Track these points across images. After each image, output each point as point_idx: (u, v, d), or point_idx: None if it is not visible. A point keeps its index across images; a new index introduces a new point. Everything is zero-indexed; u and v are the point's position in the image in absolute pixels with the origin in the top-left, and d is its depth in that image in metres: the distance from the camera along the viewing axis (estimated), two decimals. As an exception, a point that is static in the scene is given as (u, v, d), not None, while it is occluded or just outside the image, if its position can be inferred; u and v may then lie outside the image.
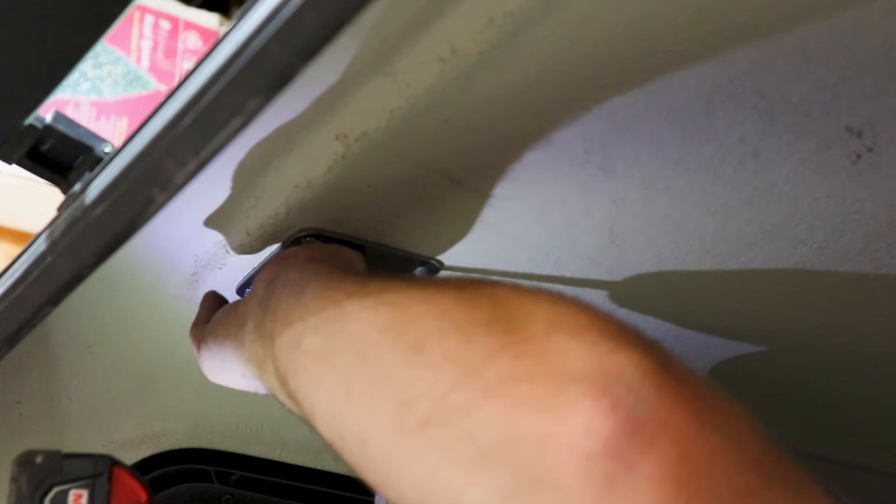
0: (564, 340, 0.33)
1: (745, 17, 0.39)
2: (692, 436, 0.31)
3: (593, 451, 0.30)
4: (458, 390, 0.34)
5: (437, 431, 0.34)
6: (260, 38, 0.33)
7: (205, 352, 0.52)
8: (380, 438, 0.36)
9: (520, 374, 0.33)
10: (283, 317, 0.43)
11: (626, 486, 0.29)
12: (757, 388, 0.70)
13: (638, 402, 0.31)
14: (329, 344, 0.40)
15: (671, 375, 0.32)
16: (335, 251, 0.50)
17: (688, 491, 0.29)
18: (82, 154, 0.47)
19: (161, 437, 0.73)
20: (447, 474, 0.33)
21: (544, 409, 0.31)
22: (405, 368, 0.36)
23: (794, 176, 0.49)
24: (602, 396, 0.31)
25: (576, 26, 0.38)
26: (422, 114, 0.42)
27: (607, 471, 0.30)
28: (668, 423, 0.31)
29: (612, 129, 0.46)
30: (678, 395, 0.31)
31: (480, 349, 0.34)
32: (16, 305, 0.44)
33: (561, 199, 0.52)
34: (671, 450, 0.30)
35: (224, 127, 0.34)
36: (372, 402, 0.37)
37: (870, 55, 0.41)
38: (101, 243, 0.40)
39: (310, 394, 0.41)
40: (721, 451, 0.31)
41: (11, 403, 0.65)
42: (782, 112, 0.44)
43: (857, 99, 0.43)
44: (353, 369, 0.38)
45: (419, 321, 0.37)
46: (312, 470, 0.80)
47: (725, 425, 0.32)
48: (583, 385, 0.31)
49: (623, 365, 0.32)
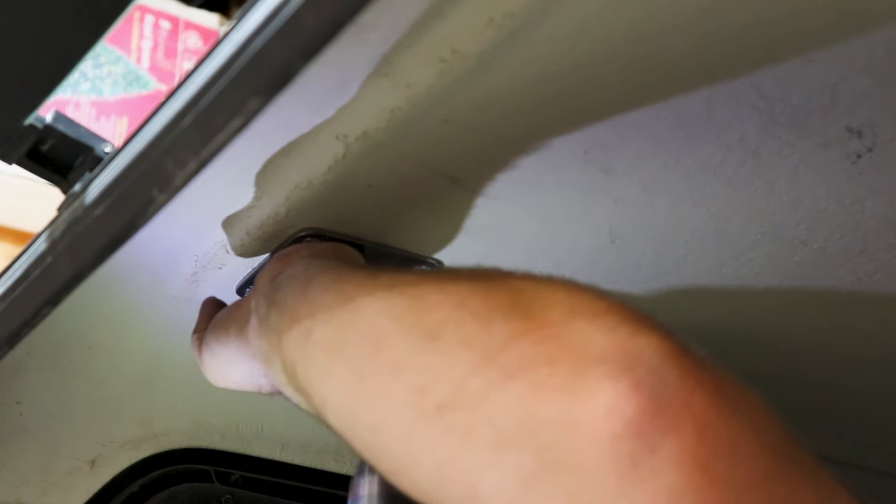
0: (584, 325, 0.33)
1: (745, 17, 0.39)
2: (713, 419, 0.30)
3: (616, 431, 0.30)
4: (477, 375, 0.33)
5: (453, 416, 0.33)
6: (260, 38, 0.33)
7: (207, 353, 0.52)
8: (394, 426, 0.36)
9: (539, 358, 0.32)
10: (291, 312, 0.42)
11: (649, 468, 0.29)
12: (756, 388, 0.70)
13: (659, 383, 0.31)
14: (340, 335, 0.39)
15: (690, 359, 0.32)
16: (337, 248, 0.50)
17: (711, 473, 0.29)
18: (82, 154, 0.47)
19: (161, 437, 0.73)
20: (464, 459, 0.33)
21: (565, 391, 0.31)
22: (420, 356, 0.35)
23: (794, 176, 0.49)
24: (624, 377, 0.31)
25: (576, 26, 0.38)
26: (422, 114, 0.42)
27: (630, 452, 0.29)
28: (690, 405, 0.30)
29: (612, 129, 0.46)
30: (698, 378, 0.31)
31: (499, 335, 0.34)
32: (16, 305, 0.44)
33: (561, 200, 0.52)
34: (693, 432, 0.30)
35: (224, 127, 0.34)
36: (386, 390, 0.36)
37: (870, 55, 0.41)
38: (101, 243, 0.40)
39: (321, 386, 0.40)
40: (741, 434, 0.31)
41: (11, 403, 0.65)
42: (782, 112, 0.44)
43: (857, 99, 0.43)
44: (366, 358, 0.38)
45: (435, 310, 0.36)
46: (312, 470, 0.80)
47: (744, 410, 0.32)
48: (604, 367, 0.31)
49: (643, 347, 0.31)
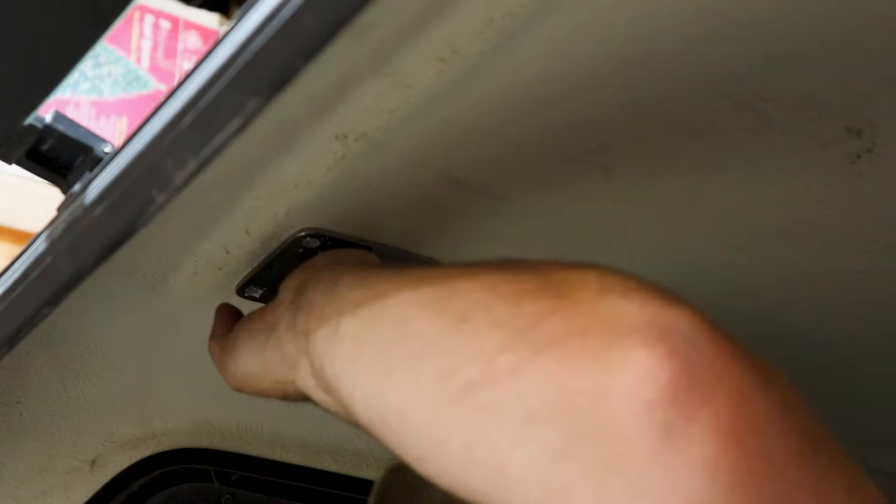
0: (615, 300, 0.32)
1: (745, 17, 0.39)
2: (748, 392, 0.30)
3: (650, 398, 0.29)
4: (506, 352, 0.33)
5: (482, 394, 0.33)
6: (260, 38, 0.33)
7: (231, 361, 0.51)
8: (422, 409, 0.35)
9: (571, 332, 0.32)
10: (318, 312, 0.42)
11: (684, 436, 0.29)
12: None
13: (694, 352, 0.30)
14: (367, 325, 0.39)
15: (723, 334, 0.31)
16: (359, 255, 0.50)
17: (745, 445, 0.29)
18: (82, 154, 0.47)
19: (161, 437, 0.73)
20: (492, 438, 0.32)
21: (597, 361, 0.31)
22: (449, 338, 0.35)
23: (794, 176, 0.49)
24: (658, 345, 0.30)
25: (576, 26, 0.38)
26: (422, 114, 0.42)
27: (665, 419, 0.29)
28: (725, 377, 0.30)
29: (612, 129, 0.46)
30: (732, 351, 0.31)
31: (529, 314, 0.33)
32: (16, 305, 0.44)
33: (560, 199, 0.52)
34: (728, 403, 0.29)
35: (224, 127, 0.34)
36: (413, 373, 0.36)
37: (870, 55, 0.41)
38: (101, 243, 0.40)
39: (348, 377, 0.40)
40: (773, 411, 0.30)
41: (11, 403, 0.64)
42: (781, 112, 0.44)
43: (857, 99, 0.43)
44: (393, 345, 0.37)
45: (464, 295, 0.36)
46: (312, 470, 0.80)
47: (776, 389, 0.31)
48: (637, 336, 0.31)
49: (677, 318, 0.31)
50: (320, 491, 0.80)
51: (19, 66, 0.41)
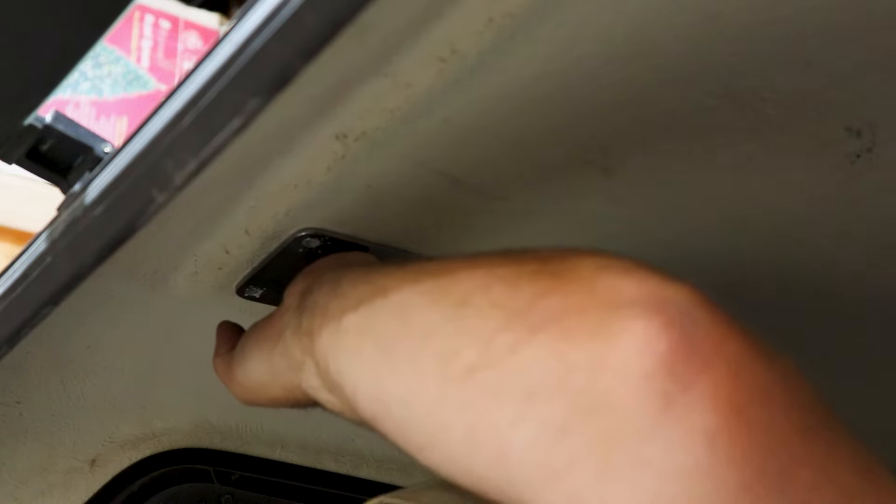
0: (614, 278, 0.32)
1: (745, 17, 0.39)
2: (747, 364, 0.30)
3: (648, 369, 0.29)
4: (504, 331, 0.33)
5: (482, 376, 0.33)
6: (260, 38, 0.33)
7: (240, 372, 0.50)
8: (424, 396, 0.35)
9: (568, 309, 0.32)
10: (322, 312, 0.42)
11: (683, 406, 0.29)
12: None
13: (692, 324, 0.30)
14: (369, 317, 0.39)
15: (721, 310, 0.31)
16: (362, 257, 0.50)
17: (746, 416, 0.29)
18: (82, 154, 0.47)
19: (161, 437, 0.73)
20: (493, 418, 0.32)
21: (595, 334, 0.31)
22: (449, 322, 0.35)
23: (793, 176, 0.49)
24: (655, 317, 0.30)
25: (576, 26, 0.38)
26: (422, 114, 0.42)
27: (663, 389, 0.29)
28: (723, 348, 0.30)
29: (612, 129, 0.46)
30: (731, 325, 0.31)
31: (527, 294, 0.33)
32: (16, 305, 0.44)
33: (560, 199, 0.52)
34: (727, 373, 0.29)
35: (224, 127, 0.34)
36: (414, 360, 0.36)
37: (870, 55, 0.41)
38: (101, 243, 0.40)
39: (351, 372, 0.40)
40: (775, 385, 0.30)
41: (11, 403, 0.64)
42: (781, 112, 0.44)
43: (857, 99, 0.43)
44: (395, 332, 0.37)
45: (464, 281, 0.36)
46: (312, 470, 0.80)
47: (778, 365, 0.31)
48: (635, 308, 0.31)
49: (675, 293, 0.31)
50: (320, 491, 0.80)
51: (19, 66, 0.41)
